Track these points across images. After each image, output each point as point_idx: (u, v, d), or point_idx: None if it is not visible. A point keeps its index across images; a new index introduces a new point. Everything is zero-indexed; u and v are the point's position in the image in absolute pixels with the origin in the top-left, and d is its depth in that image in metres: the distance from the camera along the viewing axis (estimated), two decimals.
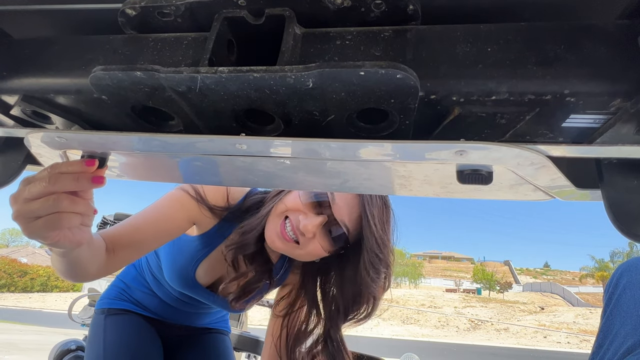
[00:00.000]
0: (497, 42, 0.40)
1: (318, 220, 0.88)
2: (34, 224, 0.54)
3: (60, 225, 0.54)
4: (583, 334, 21.46)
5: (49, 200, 0.53)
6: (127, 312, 1.25)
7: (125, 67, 0.41)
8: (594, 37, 0.39)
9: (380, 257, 0.91)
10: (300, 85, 0.39)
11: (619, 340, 0.73)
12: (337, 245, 0.93)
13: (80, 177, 0.54)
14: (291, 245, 0.91)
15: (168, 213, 0.98)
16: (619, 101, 0.38)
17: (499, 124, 0.44)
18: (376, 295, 0.97)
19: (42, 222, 0.53)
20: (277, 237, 0.92)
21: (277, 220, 0.93)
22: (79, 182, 0.54)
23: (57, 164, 0.55)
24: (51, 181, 0.53)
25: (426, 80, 0.40)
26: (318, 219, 0.88)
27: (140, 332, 1.21)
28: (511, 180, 0.51)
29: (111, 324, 1.20)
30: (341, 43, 0.44)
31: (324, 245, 0.92)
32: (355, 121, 0.45)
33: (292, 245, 0.92)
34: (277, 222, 0.92)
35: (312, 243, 0.91)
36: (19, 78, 0.51)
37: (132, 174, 0.64)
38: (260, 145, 0.47)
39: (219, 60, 0.44)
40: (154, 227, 0.95)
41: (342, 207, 0.90)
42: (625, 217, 0.44)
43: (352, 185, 0.59)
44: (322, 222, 0.89)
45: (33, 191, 0.53)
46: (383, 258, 0.92)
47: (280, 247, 0.93)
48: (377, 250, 0.90)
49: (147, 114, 0.50)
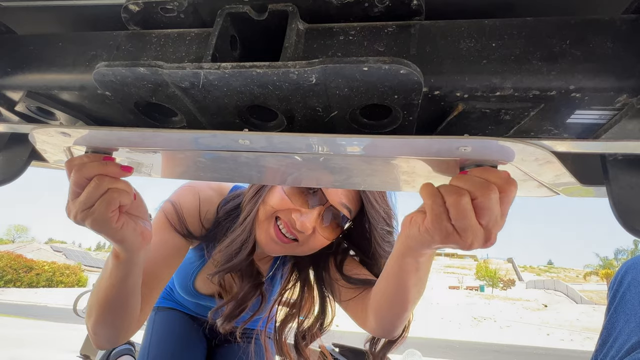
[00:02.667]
0: (502, 37, 0.40)
1: (315, 215, 0.82)
2: (92, 212, 0.55)
3: (114, 201, 0.55)
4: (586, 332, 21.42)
5: (90, 185, 0.54)
6: (172, 310, 1.35)
7: (129, 63, 0.42)
8: (600, 32, 0.38)
9: (389, 231, 0.88)
10: (303, 81, 0.39)
11: (623, 338, 0.73)
12: (339, 229, 0.89)
13: (108, 163, 0.55)
14: (290, 245, 0.86)
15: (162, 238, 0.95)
16: (625, 97, 0.38)
17: (503, 120, 0.43)
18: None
19: (97, 205, 0.55)
20: (273, 241, 0.85)
21: (268, 224, 0.86)
22: (108, 167, 0.55)
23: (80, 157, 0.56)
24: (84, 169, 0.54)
25: (430, 76, 0.40)
26: (314, 212, 0.82)
27: (182, 325, 1.30)
28: (515, 176, 0.50)
29: (159, 319, 1.32)
30: (344, 38, 0.44)
31: (327, 235, 0.86)
32: (358, 117, 0.45)
33: (291, 245, 0.86)
34: (269, 226, 0.86)
35: (313, 237, 0.86)
36: (23, 74, 0.51)
37: (135, 169, 0.65)
38: (263, 140, 0.47)
39: (222, 56, 0.44)
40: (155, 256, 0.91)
41: (336, 189, 0.83)
42: (630, 214, 0.43)
43: (356, 181, 0.59)
44: (320, 213, 0.83)
45: (76, 181, 0.54)
46: (392, 230, 0.89)
47: (279, 251, 0.89)
48: (385, 225, 0.87)
49: (151, 110, 0.50)
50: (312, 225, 0.82)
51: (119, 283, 0.68)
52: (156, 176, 0.67)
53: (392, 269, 0.68)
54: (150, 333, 1.28)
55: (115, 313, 0.74)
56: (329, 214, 0.85)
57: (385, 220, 0.87)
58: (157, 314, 1.35)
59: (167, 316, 1.33)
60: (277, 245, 0.86)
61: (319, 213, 0.83)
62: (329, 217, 0.86)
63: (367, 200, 0.84)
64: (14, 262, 28.67)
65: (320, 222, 0.85)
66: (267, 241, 0.87)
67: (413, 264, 0.62)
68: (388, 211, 0.88)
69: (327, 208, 0.84)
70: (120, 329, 0.78)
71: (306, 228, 0.81)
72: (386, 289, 0.74)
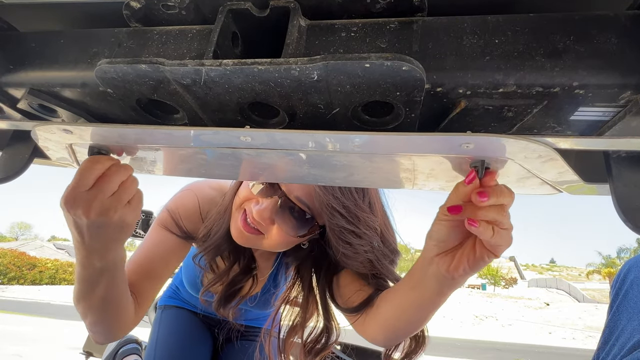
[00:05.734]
0: (505, 33, 0.40)
1: (269, 205, 0.82)
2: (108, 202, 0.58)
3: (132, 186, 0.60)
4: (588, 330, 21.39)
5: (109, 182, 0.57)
6: (179, 308, 1.37)
7: (130, 60, 0.42)
8: (604, 28, 0.38)
9: (350, 230, 0.82)
10: (305, 77, 0.39)
11: (626, 336, 0.73)
12: (301, 225, 0.86)
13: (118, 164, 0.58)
14: (255, 237, 0.87)
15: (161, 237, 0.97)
16: (629, 93, 0.37)
17: (506, 117, 0.43)
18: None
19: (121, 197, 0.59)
20: (238, 231, 0.87)
21: (237, 214, 0.88)
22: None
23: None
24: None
25: (432, 73, 0.40)
26: (269, 202, 0.83)
27: (188, 323, 1.32)
28: (518, 174, 0.50)
29: (165, 317, 1.35)
30: (346, 35, 0.43)
31: (286, 228, 0.85)
32: (360, 114, 0.45)
33: (256, 237, 0.87)
34: (237, 217, 0.88)
35: (274, 230, 0.85)
36: (25, 71, 0.51)
37: (137, 167, 0.65)
38: (265, 137, 0.47)
39: (224, 52, 0.44)
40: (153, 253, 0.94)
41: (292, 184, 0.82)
42: (633, 212, 0.43)
43: (357, 179, 0.59)
44: (274, 204, 0.83)
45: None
46: (356, 231, 0.82)
47: (245, 241, 0.89)
48: (345, 223, 0.81)
49: (152, 107, 0.50)
50: (266, 213, 0.82)
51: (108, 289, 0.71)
52: (158, 173, 0.67)
53: (423, 301, 0.70)
54: (157, 332, 1.29)
55: (111, 313, 0.77)
56: (286, 208, 0.84)
57: (342, 215, 0.81)
58: (163, 312, 1.36)
59: (174, 314, 1.35)
60: (242, 236, 0.87)
61: (274, 204, 0.83)
62: (286, 210, 0.84)
63: (324, 194, 0.80)
64: (17, 259, 28.82)
65: (280, 215, 0.84)
66: (235, 230, 0.89)
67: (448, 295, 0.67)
68: (350, 207, 0.82)
69: (284, 200, 0.84)
70: (118, 326, 0.81)
71: (261, 217, 0.83)
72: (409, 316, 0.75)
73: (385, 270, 0.89)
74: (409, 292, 0.71)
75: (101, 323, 0.79)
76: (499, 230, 0.51)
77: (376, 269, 0.88)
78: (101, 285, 0.70)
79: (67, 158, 0.63)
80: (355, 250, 0.84)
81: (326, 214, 0.81)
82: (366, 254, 0.86)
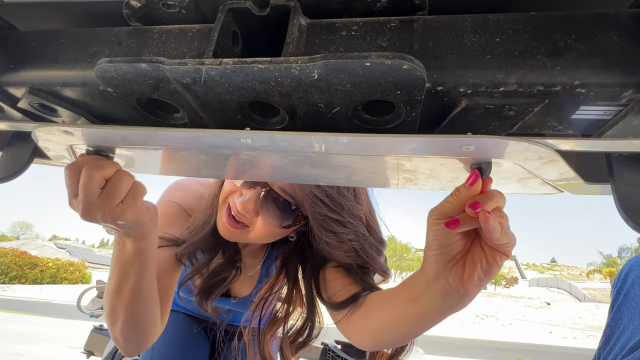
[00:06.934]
0: (506, 32, 0.40)
1: (253, 196, 0.82)
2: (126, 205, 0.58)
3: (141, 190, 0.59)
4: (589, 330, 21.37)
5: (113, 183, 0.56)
6: (174, 311, 1.33)
7: (130, 59, 0.41)
8: (605, 27, 0.38)
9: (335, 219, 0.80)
10: (305, 76, 0.38)
11: (627, 336, 0.73)
12: (285, 216, 0.85)
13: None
14: (241, 231, 0.86)
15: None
16: (630, 92, 0.37)
17: (507, 116, 0.43)
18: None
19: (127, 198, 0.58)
20: (224, 226, 0.86)
21: (222, 210, 0.88)
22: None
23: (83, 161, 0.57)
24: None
25: (433, 72, 0.39)
26: (252, 193, 0.82)
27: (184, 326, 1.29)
28: (519, 174, 0.50)
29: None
30: (347, 34, 0.43)
31: (270, 219, 0.84)
32: (360, 113, 0.45)
33: (242, 231, 0.86)
34: (222, 211, 0.87)
35: (259, 222, 0.85)
36: (26, 71, 0.51)
37: (138, 167, 0.65)
38: (265, 139, 0.47)
39: (224, 51, 0.44)
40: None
41: None
42: (635, 211, 0.43)
43: (358, 179, 0.59)
44: (257, 195, 0.82)
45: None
46: (339, 219, 0.81)
47: (232, 236, 0.88)
48: (327, 211, 0.80)
49: (153, 106, 0.50)
50: (250, 204, 0.82)
51: (140, 277, 0.70)
52: (156, 173, 0.67)
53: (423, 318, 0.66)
54: None
55: (141, 311, 0.76)
56: (269, 198, 0.84)
57: (326, 205, 0.80)
58: None
59: (169, 318, 1.33)
60: (228, 230, 0.86)
61: (258, 194, 0.82)
62: (270, 201, 0.84)
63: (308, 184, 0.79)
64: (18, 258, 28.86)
65: (264, 206, 0.84)
66: (220, 225, 0.88)
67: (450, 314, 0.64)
68: (333, 195, 0.81)
69: (267, 191, 0.83)
70: (148, 329, 0.80)
71: (245, 209, 0.82)
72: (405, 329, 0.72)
73: (372, 260, 0.87)
74: (407, 306, 0.67)
75: (130, 322, 0.77)
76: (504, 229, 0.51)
77: (361, 258, 0.86)
78: (132, 273, 0.70)
79: (68, 158, 0.63)
80: (340, 239, 0.83)
81: (309, 203, 0.81)
82: (351, 243, 0.84)
